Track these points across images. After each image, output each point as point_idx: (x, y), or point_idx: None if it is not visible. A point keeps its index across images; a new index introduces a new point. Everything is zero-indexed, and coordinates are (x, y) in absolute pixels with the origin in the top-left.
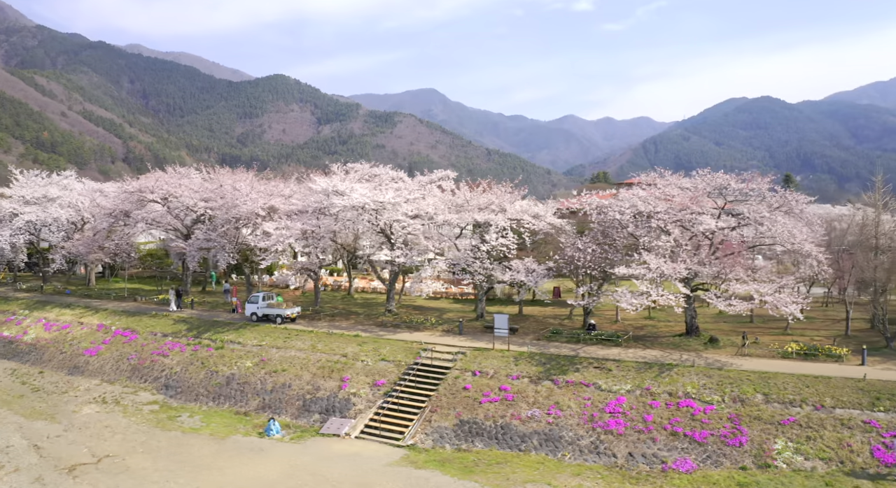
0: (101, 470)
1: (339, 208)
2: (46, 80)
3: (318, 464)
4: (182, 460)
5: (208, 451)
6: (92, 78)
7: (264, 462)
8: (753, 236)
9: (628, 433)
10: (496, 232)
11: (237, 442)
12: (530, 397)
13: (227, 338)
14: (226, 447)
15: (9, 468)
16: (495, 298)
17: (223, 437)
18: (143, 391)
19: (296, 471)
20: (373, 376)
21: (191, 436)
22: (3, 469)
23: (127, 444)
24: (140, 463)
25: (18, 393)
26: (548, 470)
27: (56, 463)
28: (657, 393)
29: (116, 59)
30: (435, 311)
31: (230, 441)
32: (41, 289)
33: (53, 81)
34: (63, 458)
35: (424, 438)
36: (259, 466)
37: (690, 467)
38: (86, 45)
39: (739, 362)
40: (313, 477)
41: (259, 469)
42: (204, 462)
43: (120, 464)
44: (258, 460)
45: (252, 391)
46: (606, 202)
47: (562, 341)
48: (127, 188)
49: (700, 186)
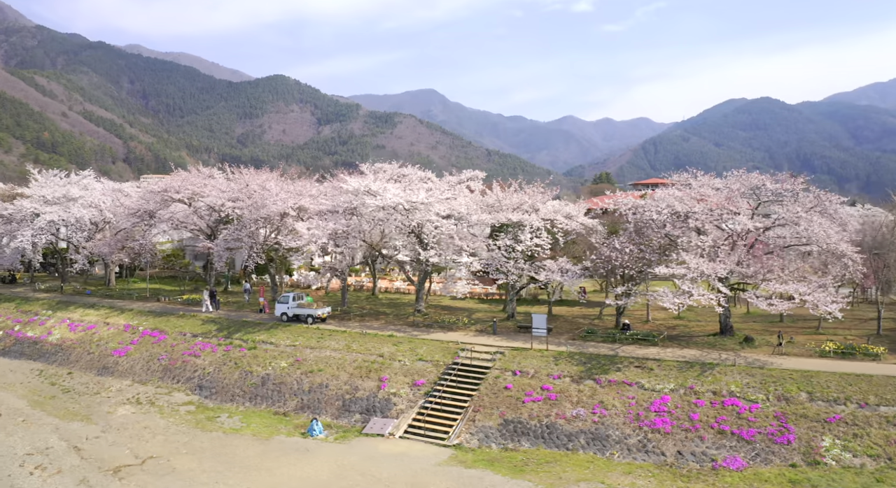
0: (146, 472)
1: (373, 208)
2: (47, 81)
3: (367, 464)
4: (228, 461)
5: (253, 452)
6: (92, 78)
7: (312, 462)
8: (790, 236)
9: (675, 431)
10: (531, 232)
11: (282, 443)
12: (573, 396)
13: (258, 338)
14: (271, 447)
15: (51, 470)
16: (520, 298)
17: (266, 438)
18: (177, 392)
19: (345, 471)
20: (411, 376)
21: (233, 437)
22: (46, 470)
23: (169, 445)
24: (185, 464)
25: (49, 395)
26: (598, 468)
27: (99, 465)
28: (701, 392)
29: (116, 60)
30: (463, 311)
31: (274, 441)
32: (61, 289)
33: (54, 81)
34: (106, 460)
35: (470, 438)
36: (308, 466)
37: (741, 465)
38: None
39: (779, 361)
40: (364, 477)
41: (308, 469)
42: (251, 462)
43: (165, 465)
44: (306, 460)
45: (289, 391)
46: (642, 202)
47: (597, 341)
48: (153, 188)
49: (734, 187)
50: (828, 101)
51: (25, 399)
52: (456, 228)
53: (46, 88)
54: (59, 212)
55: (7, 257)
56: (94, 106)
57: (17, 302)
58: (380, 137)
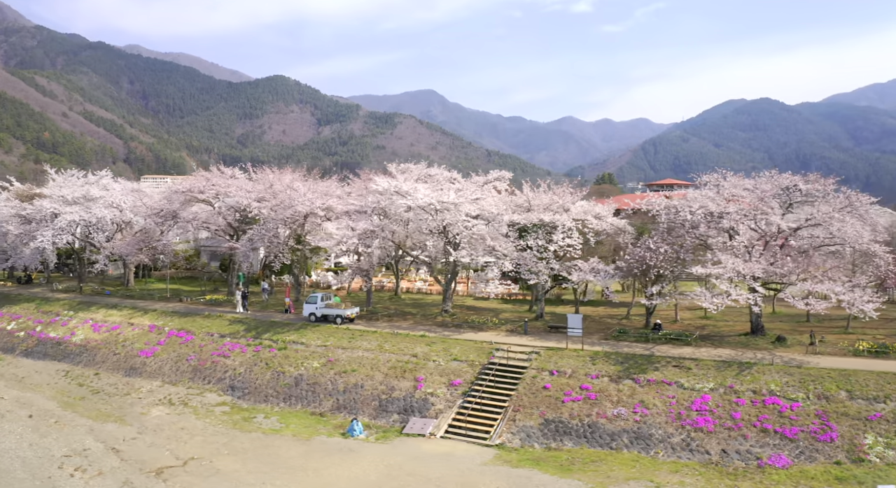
0: (189, 473)
1: (403, 208)
2: (47, 81)
3: (414, 464)
4: (272, 461)
5: (296, 452)
6: (92, 78)
7: (359, 462)
8: (823, 236)
9: (718, 430)
10: (563, 232)
11: (324, 443)
12: (613, 396)
13: (288, 338)
14: (313, 448)
15: (91, 471)
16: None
17: (307, 438)
18: (209, 392)
19: (393, 472)
20: (447, 376)
21: (273, 437)
22: (87, 472)
23: (209, 446)
24: (229, 465)
25: (79, 396)
26: (645, 467)
27: (140, 467)
28: (741, 392)
29: (116, 60)
30: (489, 312)
31: (316, 442)
32: (80, 289)
33: (54, 82)
34: (146, 461)
35: (511, 437)
36: (354, 467)
37: (786, 463)
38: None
39: (815, 360)
40: (413, 477)
41: (355, 469)
42: (296, 463)
43: (208, 467)
44: (351, 461)
45: (324, 392)
46: (675, 202)
47: (630, 340)
48: (177, 188)
49: (765, 187)
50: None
51: (55, 400)
52: (487, 228)
53: (47, 89)
54: (79, 213)
55: (26, 257)
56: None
57: (37, 302)
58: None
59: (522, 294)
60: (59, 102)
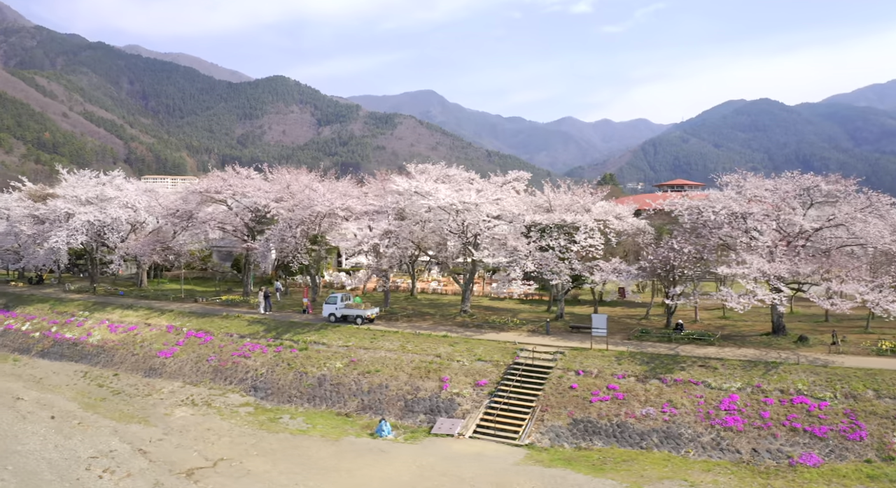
0: (220, 474)
1: (425, 209)
2: (47, 81)
3: (446, 464)
4: (303, 462)
5: (326, 453)
6: (91, 78)
7: (391, 463)
8: (846, 237)
9: (748, 429)
10: (585, 232)
11: (353, 444)
12: (641, 396)
13: (309, 338)
14: (343, 448)
15: (120, 473)
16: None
17: (336, 439)
18: (232, 393)
19: (425, 472)
20: (473, 376)
21: (301, 438)
22: (115, 474)
23: (237, 447)
24: (259, 465)
25: (99, 397)
26: (677, 466)
27: (170, 468)
28: (769, 391)
29: (115, 60)
30: (507, 312)
31: (345, 442)
32: (94, 290)
33: (54, 82)
34: (175, 462)
35: (540, 437)
36: (387, 467)
37: (817, 461)
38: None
39: (839, 360)
40: (447, 477)
41: (388, 470)
42: (327, 464)
43: (239, 467)
44: (384, 461)
45: (348, 392)
46: (698, 202)
47: (653, 340)
48: (195, 188)
49: (786, 188)
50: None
51: (76, 401)
52: (508, 229)
53: (47, 89)
54: (94, 213)
55: (40, 257)
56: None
57: (51, 303)
58: (380, 138)
59: (538, 294)
60: (59, 102)
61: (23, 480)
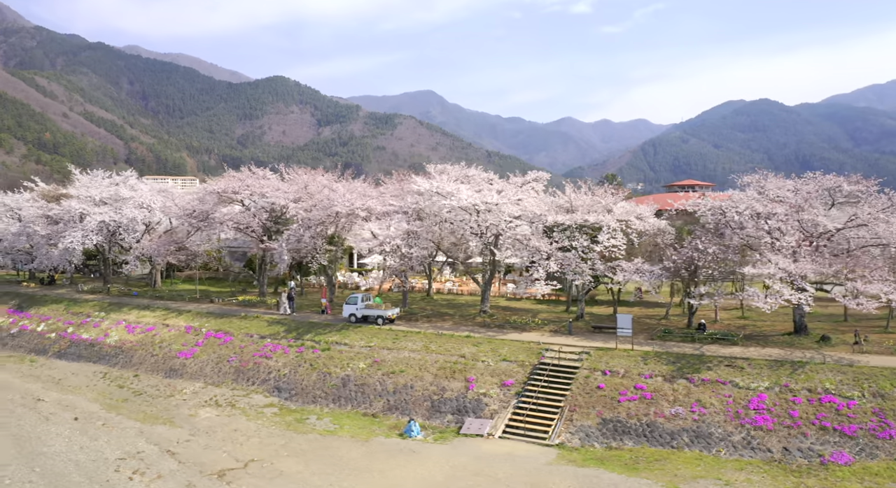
0: (252, 475)
1: (447, 209)
2: (47, 81)
3: (479, 465)
4: (334, 463)
5: (357, 454)
6: (91, 79)
7: (424, 463)
8: (869, 236)
9: (778, 428)
10: (608, 233)
11: (383, 444)
12: (669, 395)
13: (331, 339)
14: (373, 449)
15: (151, 474)
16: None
17: (365, 439)
18: (255, 393)
19: (458, 472)
20: (499, 376)
21: (331, 439)
22: (146, 475)
23: (267, 448)
24: (291, 466)
25: (121, 397)
26: (709, 465)
27: (200, 469)
28: (797, 390)
29: (115, 61)
30: (526, 312)
31: (375, 443)
32: (108, 290)
33: (54, 82)
34: (205, 463)
35: (570, 437)
36: (419, 468)
37: (848, 460)
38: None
39: (864, 359)
40: (481, 477)
41: (420, 470)
42: (359, 464)
43: (270, 468)
44: (417, 461)
45: (373, 393)
46: (722, 203)
47: (676, 340)
48: (212, 189)
49: (808, 188)
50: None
51: (98, 402)
52: (530, 229)
53: (47, 89)
54: (109, 213)
55: (55, 258)
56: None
57: (66, 303)
58: (380, 138)
59: (556, 294)
60: (59, 103)
61: (51, 482)
